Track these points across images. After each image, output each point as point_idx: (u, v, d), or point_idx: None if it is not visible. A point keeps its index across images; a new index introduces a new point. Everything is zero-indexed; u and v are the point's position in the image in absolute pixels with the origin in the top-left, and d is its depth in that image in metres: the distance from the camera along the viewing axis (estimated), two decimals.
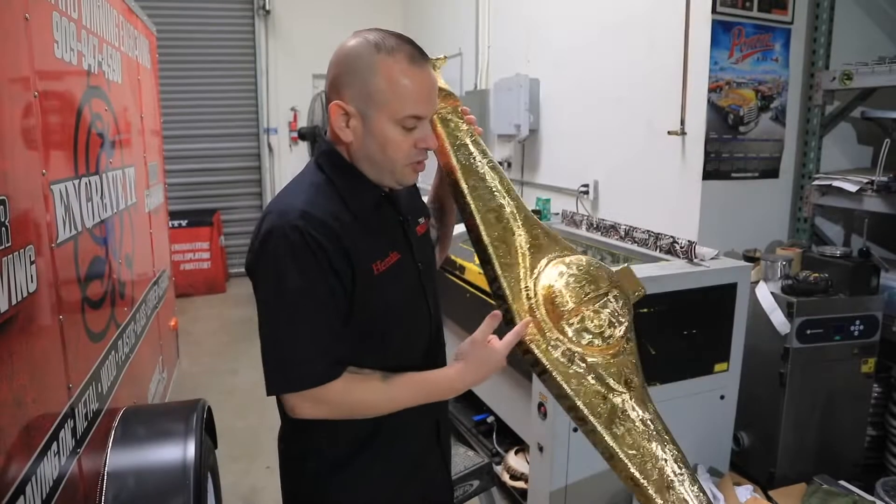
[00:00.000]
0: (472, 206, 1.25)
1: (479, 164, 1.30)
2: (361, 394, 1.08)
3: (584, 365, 1.17)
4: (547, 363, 1.15)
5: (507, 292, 1.20)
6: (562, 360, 1.16)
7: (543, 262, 1.24)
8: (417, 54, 1.08)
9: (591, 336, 1.17)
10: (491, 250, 1.23)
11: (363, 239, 1.09)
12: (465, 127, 1.32)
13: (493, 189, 1.28)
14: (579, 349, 1.17)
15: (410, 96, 1.06)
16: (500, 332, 1.17)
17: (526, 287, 1.21)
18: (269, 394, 1.06)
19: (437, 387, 1.15)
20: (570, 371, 1.16)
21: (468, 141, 1.31)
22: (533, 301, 1.20)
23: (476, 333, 1.15)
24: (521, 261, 1.24)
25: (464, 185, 1.26)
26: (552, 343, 1.17)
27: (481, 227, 1.24)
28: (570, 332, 1.17)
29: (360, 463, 1.15)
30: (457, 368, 1.14)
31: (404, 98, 1.06)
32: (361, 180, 1.13)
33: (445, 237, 1.46)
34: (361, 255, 1.08)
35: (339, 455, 1.14)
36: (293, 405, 1.05)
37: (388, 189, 1.17)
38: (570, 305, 1.17)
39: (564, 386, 1.15)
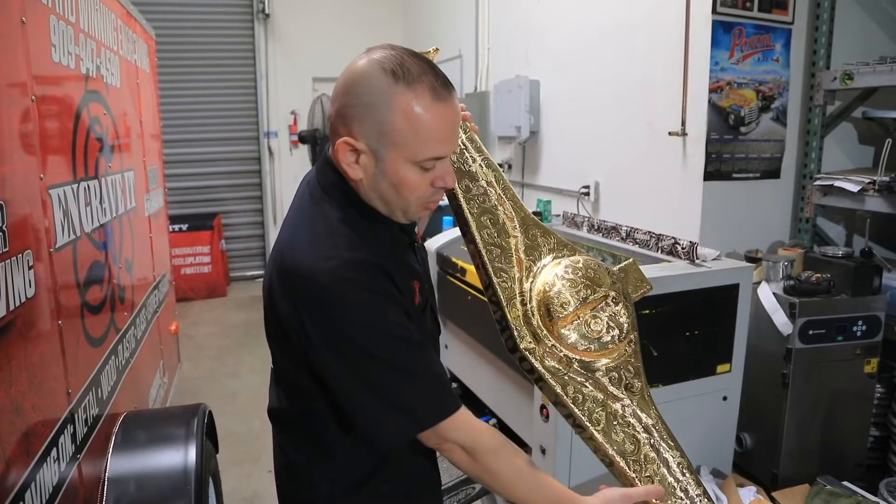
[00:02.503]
0: (466, 209, 1.21)
1: (473, 163, 1.25)
2: (507, 466, 1.04)
3: (581, 371, 1.15)
4: (543, 371, 1.13)
5: (501, 298, 1.17)
6: (558, 367, 1.14)
7: (539, 264, 1.21)
8: (440, 85, 0.95)
9: (588, 341, 1.14)
10: (485, 255, 1.19)
11: (397, 275, 1.02)
12: None
13: (488, 190, 1.24)
14: (577, 355, 1.14)
15: (433, 137, 0.95)
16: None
17: (521, 292, 1.18)
18: (402, 439, 1.01)
19: None
20: (567, 378, 1.14)
21: (461, 139, 1.26)
22: (528, 307, 1.16)
23: (632, 492, 1.10)
24: (516, 265, 1.20)
25: (457, 188, 1.21)
26: (548, 350, 1.14)
27: (475, 231, 1.20)
28: (566, 338, 1.14)
29: (372, 485, 1.11)
30: None
31: (426, 139, 0.94)
32: (376, 216, 1.05)
33: (421, 223, 1.42)
34: (405, 292, 1.03)
35: (352, 479, 1.10)
36: (447, 446, 1.01)
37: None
38: (567, 310, 1.13)
39: (561, 393, 1.13)
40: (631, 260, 1.31)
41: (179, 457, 1.86)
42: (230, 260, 6.75)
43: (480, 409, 2.95)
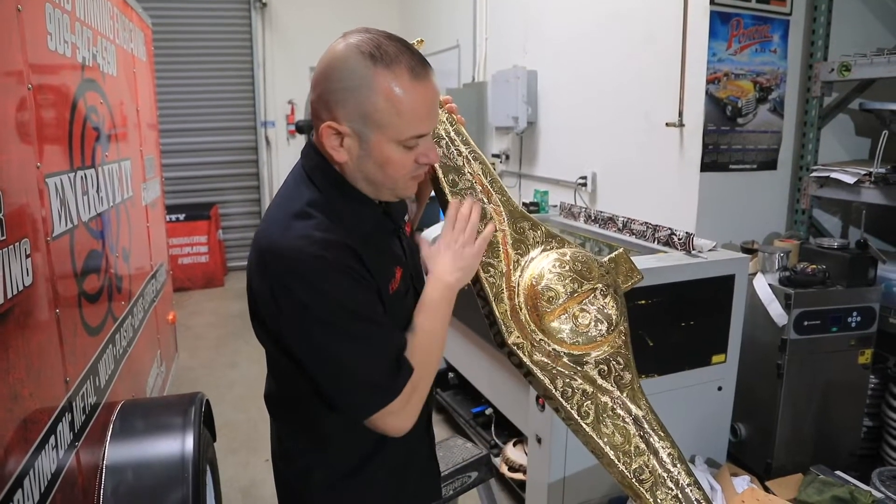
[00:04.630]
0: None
1: (459, 157, 1.23)
2: (415, 360, 1.04)
3: (570, 364, 1.14)
4: (531, 365, 1.13)
5: (489, 293, 1.17)
6: (547, 361, 1.14)
7: (527, 258, 1.20)
8: (418, 64, 0.96)
9: (576, 335, 1.14)
10: None
11: (375, 260, 1.02)
12: (444, 117, 1.25)
13: (475, 184, 1.22)
14: (565, 349, 1.14)
15: (414, 115, 0.96)
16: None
17: (509, 286, 1.17)
18: (363, 418, 1.01)
19: (434, 298, 1.11)
20: (556, 372, 1.14)
21: (448, 132, 1.24)
22: (516, 301, 1.16)
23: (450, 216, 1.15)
24: (503, 258, 1.19)
25: (443, 182, 1.20)
26: (536, 344, 1.14)
27: None
28: (554, 332, 1.13)
29: (367, 470, 1.12)
30: (436, 264, 1.12)
31: (407, 118, 0.96)
32: (361, 199, 1.05)
33: (416, 214, 1.41)
34: (380, 276, 1.03)
35: (348, 465, 1.11)
36: (387, 425, 1.01)
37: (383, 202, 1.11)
38: (554, 305, 1.13)
39: (549, 387, 1.13)
40: (621, 249, 1.30)
41: (177, 445, 1.86)
42: (227, 250, 6.74)
43: (477, 399, 2.96)
